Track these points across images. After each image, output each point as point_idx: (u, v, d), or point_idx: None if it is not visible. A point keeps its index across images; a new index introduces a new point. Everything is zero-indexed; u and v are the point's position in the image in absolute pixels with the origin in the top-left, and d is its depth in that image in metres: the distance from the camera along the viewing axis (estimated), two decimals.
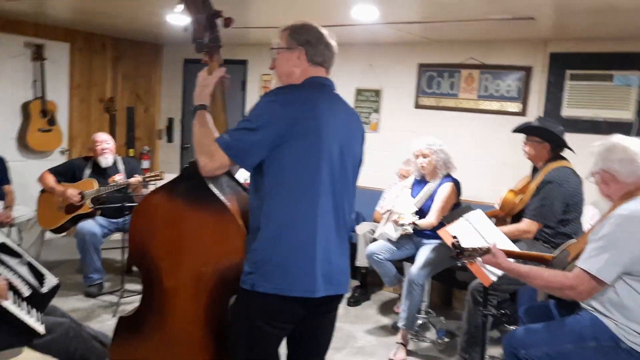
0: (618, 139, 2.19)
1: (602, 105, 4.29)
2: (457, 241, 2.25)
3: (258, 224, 1.78)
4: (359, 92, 5.41)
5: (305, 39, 1.85)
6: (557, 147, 3.18)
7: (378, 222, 4.07)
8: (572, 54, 4.39)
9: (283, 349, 1.95)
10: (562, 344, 2.11)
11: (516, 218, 3.23)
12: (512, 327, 3.46)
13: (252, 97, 5.93)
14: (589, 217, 3.52)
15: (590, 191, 2.74)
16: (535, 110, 4.55)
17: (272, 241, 1.74)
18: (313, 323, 1.90)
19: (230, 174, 2.09)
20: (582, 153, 2.68)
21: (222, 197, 1.89)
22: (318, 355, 2.01)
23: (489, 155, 4.73)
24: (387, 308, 4.35)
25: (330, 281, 1.80)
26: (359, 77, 5.39)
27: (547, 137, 3.17)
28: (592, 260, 2.01)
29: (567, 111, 4.42)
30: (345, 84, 5.24)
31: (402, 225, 3.62)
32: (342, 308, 4.21)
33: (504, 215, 3.35)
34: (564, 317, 2.22)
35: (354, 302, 4.41)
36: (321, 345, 2.00)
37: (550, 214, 3.04)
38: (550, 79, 4.49)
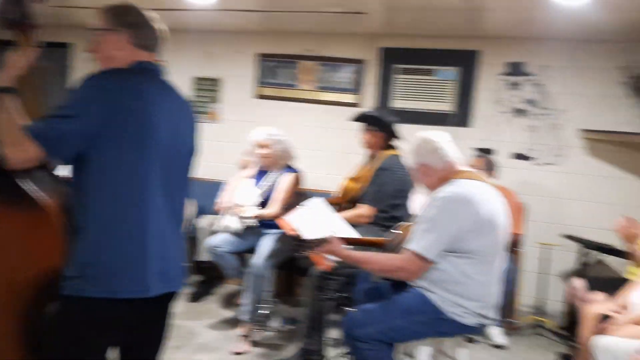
0: (422, 134, 2.42)
1: (425, 97, 4.68)
2: (296, 233, 2.28)
3: (81, 222, 1.60)
4: (197, 80, 5.24)
5: (129, 20, 1.70)
6: (391, 136, 3.39)
7: (219, 214, 3.99)
8: (399, 49, 4.71)
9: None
10: (393, 319, 2.25)
11: (355, 204, 3.38)
12: (350, 309, 3.61)
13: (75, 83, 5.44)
14: (419, 202, 3.80)
15: None
16: (369, 102, 4.80)
17: (98, 240, 1.58)
18: (147, 323, 1.78)
19: (46, 167, 1.85)
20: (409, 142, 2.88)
21: (35, 194, 1.67)
22: (154, 356, 1.89)
23: (328, 145, 4.90)
24: (230, 301, 4.29)
25: (164, 278, 1.68)
26: (196, 66, 5.22)
27: (384, 127, 3.36)
28: (419, 242, 2.17)
29: (395, 103, 4.75)
30: (182, 72, 5.04)
31: (245, 217, 3.59)
32: (183, 305, 4.06)
33: (344, 202, 3.49)
34: (394, 296, 2.36)
35: (194, 297, 4.28)
36: (157, 346, 1.88)
37: (385, 198, 3.23)
38: (381, 73, 4.77)
